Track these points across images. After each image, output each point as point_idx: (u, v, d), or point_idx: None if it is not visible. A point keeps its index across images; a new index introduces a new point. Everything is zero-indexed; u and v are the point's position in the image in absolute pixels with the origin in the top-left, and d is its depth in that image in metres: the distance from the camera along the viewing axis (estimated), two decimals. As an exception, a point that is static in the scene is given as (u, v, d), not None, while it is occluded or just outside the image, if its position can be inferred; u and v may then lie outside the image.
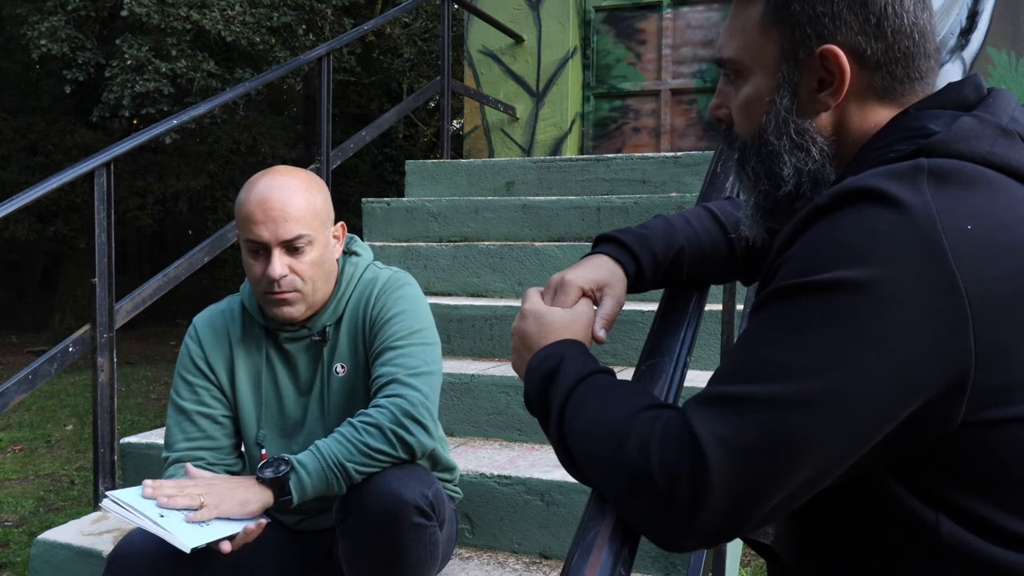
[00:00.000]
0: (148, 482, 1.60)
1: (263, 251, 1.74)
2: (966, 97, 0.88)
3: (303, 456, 1.65)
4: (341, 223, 1.88)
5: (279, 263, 1.73)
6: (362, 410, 1.71)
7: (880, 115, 0.90)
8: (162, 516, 1.52)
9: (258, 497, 1.61)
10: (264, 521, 1.61)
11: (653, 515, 0.78)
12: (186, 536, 1.49)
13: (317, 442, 1.67)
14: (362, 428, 1.66)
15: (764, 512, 0.76)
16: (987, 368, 0.75)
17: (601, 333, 1.04)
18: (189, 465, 1.70)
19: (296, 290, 1.76)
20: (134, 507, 1.53)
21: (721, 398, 0.77)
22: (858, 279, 0.74)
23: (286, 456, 1.65)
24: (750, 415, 0.75)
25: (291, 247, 1.74)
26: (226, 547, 1.54)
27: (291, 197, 1.74)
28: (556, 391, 0.93)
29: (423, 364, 1.77)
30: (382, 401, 1.70)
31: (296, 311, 1.79)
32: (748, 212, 0.99)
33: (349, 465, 1.63)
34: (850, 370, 0.74)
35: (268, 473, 1.62)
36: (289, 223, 1.72)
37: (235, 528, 1.56)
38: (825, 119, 0.91)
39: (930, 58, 0.90)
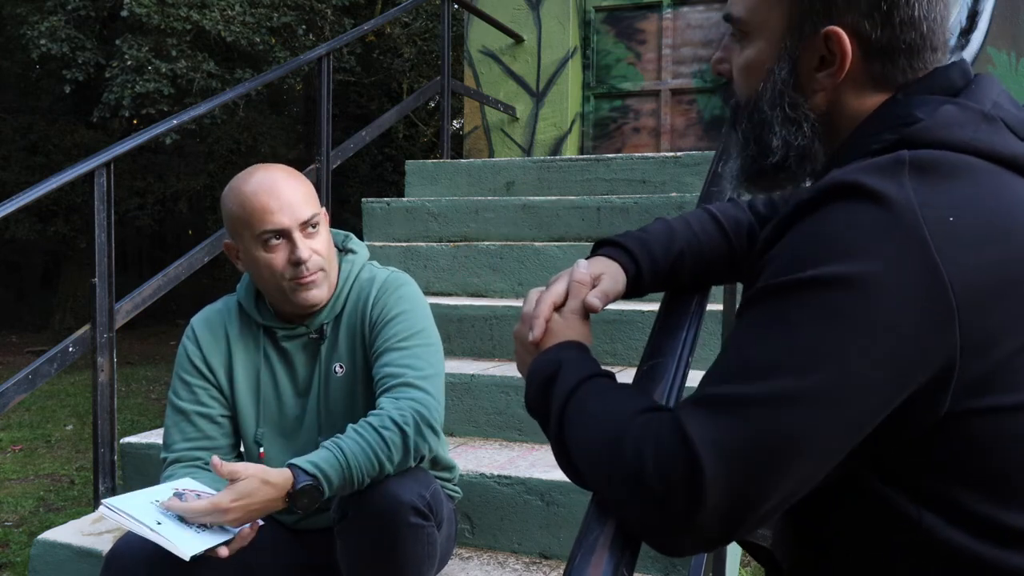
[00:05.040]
0: (185, 507, 1.54)
1: (283, 239, 1.75)
2: (953, 82, 0.88)
3: (327, 468, 1.59)
4: (323, 209, 1.89)
5: (303, 245, 1.75)
6: (386, 415, 1.67)
7: (874, 100, 0.90)
8: (159, 524, 1.51)
9: (273, 511, 1.59)
10: (259, 523, 1.60)
11: (650, 519, 0.78)
12: (183, 543, 1.48)
13: (344, 451, 1.60)
14: (391, 442, 1.63)
15: (760, 513, 0.76)
16: (971, 358, 0.75)
17: (594, 301, 1.02)
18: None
19: (321, 269, 1.79)
20: (130, 514, 1.52)
21: (713, 399, 0.77)
22: (844, 274, 0.74)
23: (312, 471, 1.58)
24: (743, 415, 0.75)
25: (308, 228, 1.77)
26: (223, 552, 1.53)
27: (293, 182, 1.78)
28: (555, 396, 0.93)
29: (429, 366, 1.77)
30: (403, 404, 1.68)
31: (322, 293, 1.80)
32: (732, 174, 0.99)
33: (367, 480, 1.62)
34: (840, 365, 0.74)
35: (303, 510, 1.59)
36: (303, 205, 1.76)
37: (231, 534, 1.55)
38: (820, 98, 0.91)
39: (937, 51, 0.90)
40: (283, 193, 1.75)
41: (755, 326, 0.79)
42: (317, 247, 1.78)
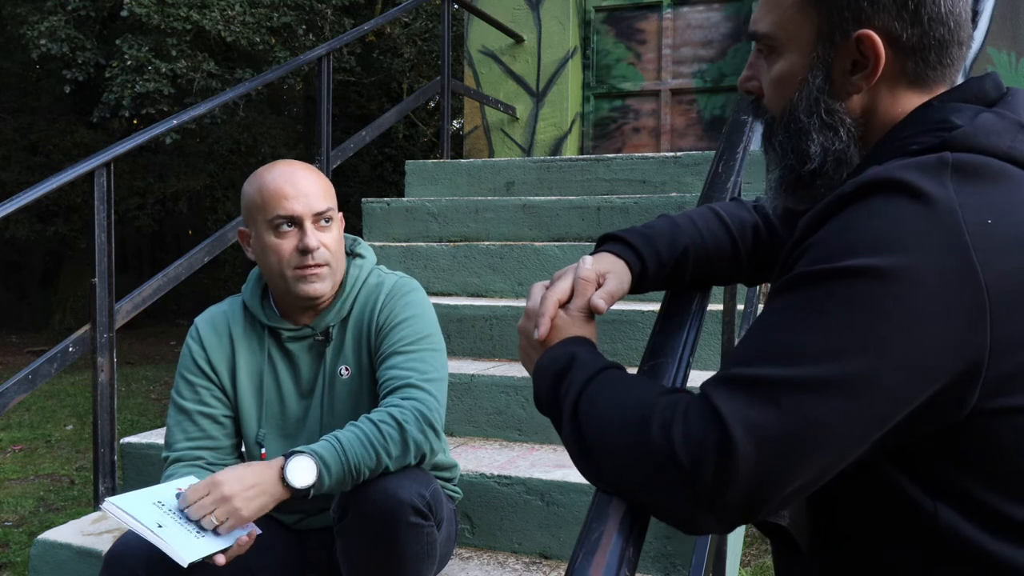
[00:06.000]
0: (185, 492, 1.56)
1: (295, 226, 1.78)
2: (987, 93, 0.90)
3: (327, 455, 1.60)
4: (340, 213, 1.90)
5: (313, 235, 1.77)
6: (385, 411, 1.68)
7: (909, 101, 0.91)
8: (160, 526, 1.51)
9: (274, 502, 1.59)
10: (256, 531, 1.60)
11: (675, 496, 0.78)
12: (183, 548, 1.49)
13: (340, 439, 1.62)
14: (388, 435, 1.64)
15: (785, 494, 0.77)
16: (999, 358, 0.77)
17: (599, 302, 1.02)
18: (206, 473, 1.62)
19: (327, 263, 1.80)
20: (132, 514, 1.53)
21: (745, 380, 0.77)
22: (882, 267, 0.75)
23: (310, 453, 1.60)
24: (775, 397, 0.75)
25: (320, 221, 1.80)
26: (221, 560, 1.53)
27: (313, 176, 1.83)
28: (569, 388, 0.93)
29: (434, 370, 1.78)
30: (405, 403, 1.69)
31: (325, 287, 1.81)
32: (771, 185, 1.00)
33: (366, 471, 1.63)
34: (874, 355, 0.75)
35: (299, 484, 1.58)
36: (320, 197, 1.80)
37: (230, 541, 1.56)
38: (856, 101, 0.92)
39: (962, 45, 0.91)
40: (300, 183, 1.78)
41: (789, 311, 0.79)
42: (327, 241, 1.80)
